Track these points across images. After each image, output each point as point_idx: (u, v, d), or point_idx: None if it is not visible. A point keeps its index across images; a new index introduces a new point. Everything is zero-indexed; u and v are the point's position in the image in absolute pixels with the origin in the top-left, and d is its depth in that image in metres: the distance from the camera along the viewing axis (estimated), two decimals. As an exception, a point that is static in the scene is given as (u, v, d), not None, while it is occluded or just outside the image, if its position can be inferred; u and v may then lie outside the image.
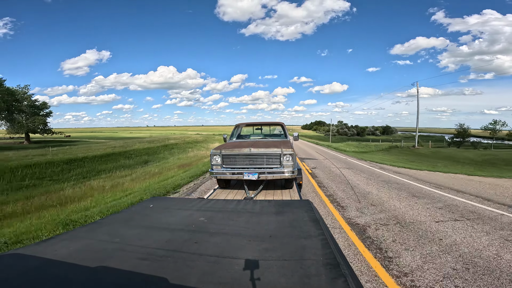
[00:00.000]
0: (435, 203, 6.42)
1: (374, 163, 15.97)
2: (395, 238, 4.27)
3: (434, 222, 4.98)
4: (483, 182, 9.60)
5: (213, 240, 1.67)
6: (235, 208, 2.39)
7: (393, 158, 21.82)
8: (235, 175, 4.82)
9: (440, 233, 4.43)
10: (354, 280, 1.17)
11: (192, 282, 1.17)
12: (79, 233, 1.83)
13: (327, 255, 1.40)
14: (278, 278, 1.20)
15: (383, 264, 3.45)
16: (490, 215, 5.44)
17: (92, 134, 52.04)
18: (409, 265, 3.40)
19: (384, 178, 10.16)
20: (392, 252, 3.78)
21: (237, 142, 5.92)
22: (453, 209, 5.90)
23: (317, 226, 1.85)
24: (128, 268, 1.29)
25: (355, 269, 3.27)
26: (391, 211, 5.72)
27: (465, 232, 4.46)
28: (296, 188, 5.06)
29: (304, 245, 1.54)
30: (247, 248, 1.54)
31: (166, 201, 3.36)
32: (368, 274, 3.24)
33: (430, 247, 3.90)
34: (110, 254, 1.45)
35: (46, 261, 1.37)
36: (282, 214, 2.17)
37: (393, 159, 20.52)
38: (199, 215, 2.19)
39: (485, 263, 3.41)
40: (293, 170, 4.65)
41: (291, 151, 4.71)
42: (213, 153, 4.99)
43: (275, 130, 7.57)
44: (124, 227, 1.94)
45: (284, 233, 1.77)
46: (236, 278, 1.21)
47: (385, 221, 5.11)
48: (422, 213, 5.61)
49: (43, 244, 1.62)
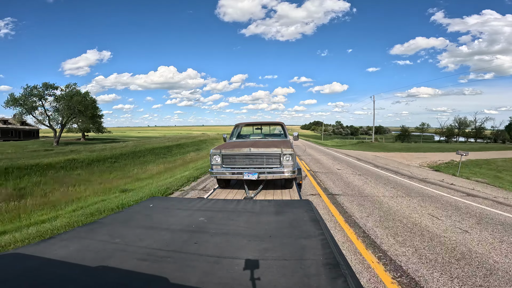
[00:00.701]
0: (343, 163, 15.62)
1: (336, 149, 29.62)
2: (325, 176, 10.75)
3: (337, 169, 12.60)
4: (377, 155, 21.35)
5: (213, 240, 1.67)
6: (235, 208, 2.39)
7: (350, 147, 35.10)
8: (235, 175, 4.82)
9: (342, 174, 11.27)
10: (354, 280, 1.17)
11: (192, 282, 1.17)
12: (79, 233, 1.83)
13: (327, 255, 1.40)
14: (278, 278, 1.20)
15: (321, 187, 8.73)
16: (367, 167, 13.55)
17: (106, 134, 56.01)
18: (328, 184, 9.22)
19: (331, 154, 21.56)
20: (323, 181, 9.55)
21: (237, 142, 5.91)
22: (351, 165, 14.62)
23: (317, 226, 1.85)
24: (128, 268, 1.29)
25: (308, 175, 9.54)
26: (326, 167, 13.52)
27: (349, 174, 11.40)
28: (296, 188, 5.06)
29: (304, 245, 1.54)
30: (247, 248, 1.54)
31: (166, 201, 3.36)
32: (312, 187, 8.62)
33: (336, 178, 10.19)
34: (110, 254, 1.45)
35: (46, 261, 1.37)
36: (282, 214, 2.17)
37: (349, 148, 34.07)
38: (199, 215, 2.19)
39: (356, 186, 8.82)
40: (293, 170, 4.65)
41: (291, 151, 4.71)
42: (213, 153, 4.98)
43: (275, 130, 7.57)
44: (124, 227, 1.94)
45: (284, 233, 1.77)
46: (236, 278, 1.21)
47: (323, 170, 12.38)
48: (336, 166, 13.86)
49: (43, 244, 1.62)
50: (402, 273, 3.30)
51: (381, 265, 3.50)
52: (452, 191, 8.02)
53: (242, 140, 6.36)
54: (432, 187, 8.70)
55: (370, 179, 9.98)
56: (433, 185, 8.96)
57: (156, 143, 29.32)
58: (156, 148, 25.54)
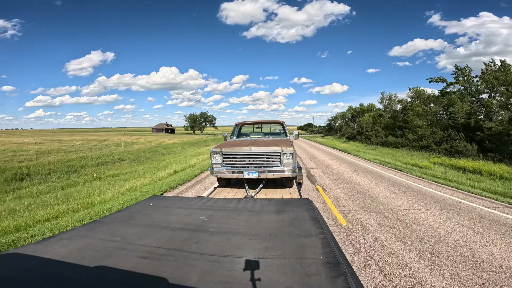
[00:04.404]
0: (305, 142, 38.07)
1: (309, 140, 44.56)
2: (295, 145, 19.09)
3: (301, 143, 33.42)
4: (325, 142, 39.10)
5: (213, 239, 1.67)
6: (235, 207, 2.39)
7: (319, 139, 47.42)
8: (235, 174, 4.81)
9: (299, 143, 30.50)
10: (354, 279, 1.17)
11: (192, 281, 1.17)
12: (80, 232, 1.82)
13: (327, 254, 1.40)
14: (278, 277, 1.20)
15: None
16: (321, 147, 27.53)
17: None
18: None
19: (299, 143, 33.64)
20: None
21: (237, 141, 5.90)
22: (314, 146, 29.90)
23: (317, 225, 1.85)
24: (129, 267, 1.29)
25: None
26: (298, 144, 29.47)
27: (303, 144, 32.86)
28: (296, 187, 5.05)
29: (304, 244, 1.54)
30: (247, 247, 1.54)
31: (166, 200, 3.36)
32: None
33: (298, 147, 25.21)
34: (111, 253, 1.45)
35: (47, 260, 1.37)
36: (282, 213, 2.17)
37: (318, 140, 45.67)
38: (199, 214, 2.19)
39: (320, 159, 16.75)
40: (294, 168, 4.64)
41: (291, 149, 4.70)
42: (213, 152, 4.96)
43: (276, 129, 7.55)
44: (125, 226, 1.94)
45: (284, 232, 1.77)
46: (237, 277, 1.21)
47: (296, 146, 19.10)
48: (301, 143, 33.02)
49: (44, 243, 1.62)
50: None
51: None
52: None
53: (242, 139, 6.35)
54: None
55: (310, 147, 24.88)
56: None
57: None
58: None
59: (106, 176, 13.99)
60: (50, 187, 11.73)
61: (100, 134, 70.26)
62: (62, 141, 30.81)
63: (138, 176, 11.64)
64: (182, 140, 43.40)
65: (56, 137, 38.46)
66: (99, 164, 18.22)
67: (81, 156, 20.69)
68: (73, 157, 19.71)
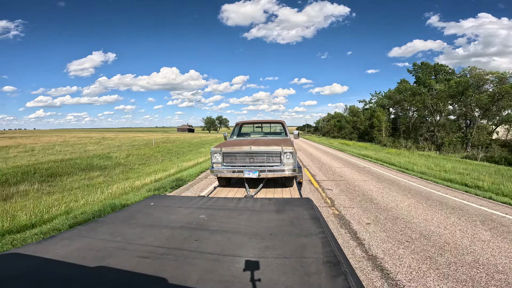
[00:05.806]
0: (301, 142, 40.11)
1: (303, 138, 53.40)
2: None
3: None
4: (306, 137, 63.31)
5: (213, 238, 1.67)
6: (236, 206, 2.39)
7: (306, 136, 66.29)
8: (236, 173, 4.80)
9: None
10: (354, 278, 1.16)
11: (192, 280, 1.17)
12: (80, 232, 1.82)
13: (327, 253, 1.40)
14: (278, 276, 1.19)
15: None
16: (314, 144, 35.21)
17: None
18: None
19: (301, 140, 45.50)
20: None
21: (237, 140, 5.89)
22: (306, 142, 40.24)
23: (318, 224, 1.85)
24: (130, 267, 1.29)
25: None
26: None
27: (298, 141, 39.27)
28: (296, 186, 5.05)
29: (305, 243, 1.54)
30: (247, 246, 1.54)
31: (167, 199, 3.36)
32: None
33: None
34: (111, 253, 1.45)
35: (47, 260, 1.37)
36: (283, 212, 2.16)
37: (305, 136, 65.51)
38: (199, 213, 2.19)
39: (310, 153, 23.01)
40: (294, 168, 4.64)
41: (291, 149, 4.69)
42: (214, 151, 4.96)
43: (276, 128, 7.54)
44: (125, 226, 1.94)
45: (285, 231, 1.77)
46: (237, 276, 1.21)
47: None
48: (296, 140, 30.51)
49: (44, 243, 1.62)
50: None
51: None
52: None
53: (242, 138, 6.34)
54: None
55: (304, 143, 33.41)
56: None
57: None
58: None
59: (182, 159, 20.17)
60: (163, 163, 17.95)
61: (144, 132, 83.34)
62: (114, 139, 36.71)
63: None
64: (215, 136, 61.63)
65: (102, 135, 49.35)
66: (178, 153, 25.88)
67: (163, 146, 28.29)
68: (156, 149, 25.12)
